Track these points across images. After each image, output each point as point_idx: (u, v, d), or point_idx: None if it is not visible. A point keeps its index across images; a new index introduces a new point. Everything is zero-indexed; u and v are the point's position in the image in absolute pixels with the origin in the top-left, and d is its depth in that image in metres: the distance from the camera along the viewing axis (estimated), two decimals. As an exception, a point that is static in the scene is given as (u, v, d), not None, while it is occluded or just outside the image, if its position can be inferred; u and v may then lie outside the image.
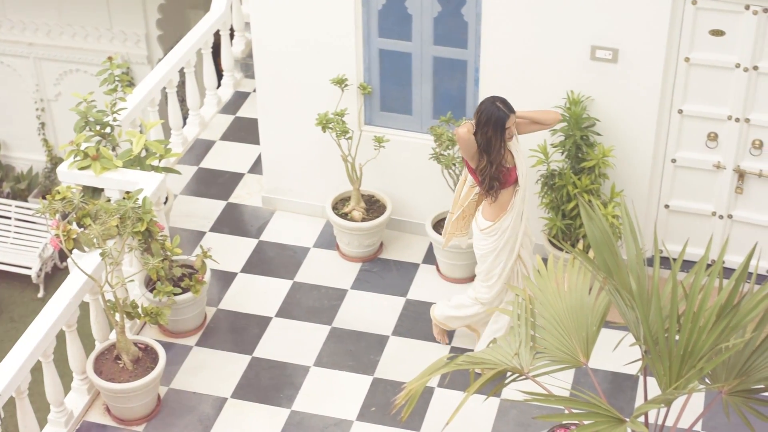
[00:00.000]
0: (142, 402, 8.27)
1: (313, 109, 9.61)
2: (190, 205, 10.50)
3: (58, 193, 8.17)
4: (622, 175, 9.03)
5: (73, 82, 16.18)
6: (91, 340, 8.64)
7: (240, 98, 12.01)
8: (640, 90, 8.74)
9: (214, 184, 10.79)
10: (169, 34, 15.55)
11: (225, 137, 11.45)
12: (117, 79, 9.46)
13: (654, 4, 8.38)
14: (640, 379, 8.45)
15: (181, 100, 11.63)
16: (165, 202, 9.55)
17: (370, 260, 9.81)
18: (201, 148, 11.29)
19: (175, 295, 8.69)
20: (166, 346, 8.80)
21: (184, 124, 11.41)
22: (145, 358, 8.37)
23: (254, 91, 11.39)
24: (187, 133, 11.35)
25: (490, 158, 7.84)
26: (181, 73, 11.07)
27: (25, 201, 16.71)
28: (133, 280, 8.59)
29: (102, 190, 9.14)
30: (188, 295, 8.79)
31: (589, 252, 7.88)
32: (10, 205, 16.29)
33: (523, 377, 5.92)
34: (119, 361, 8.31)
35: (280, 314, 9.29)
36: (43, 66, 16.42)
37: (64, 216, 8.23)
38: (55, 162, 16.80)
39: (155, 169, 9.22)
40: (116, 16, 15.55)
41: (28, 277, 15.63)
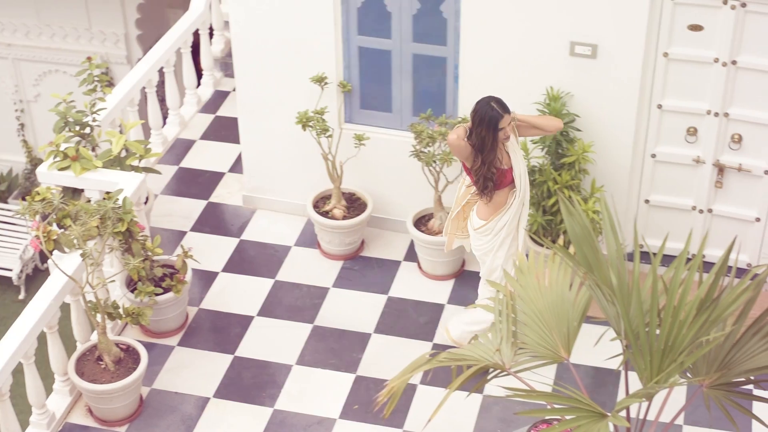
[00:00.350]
0: (124, 403, 8.25)
1: (293, 108, 9.60)
2: (170, 205, 10.48)
3: (38, 194, 8.15)
4: (602, 171, 9.04)
5: (53, 83, 16.11)
6: (72, 342, 8.61)
7: (220, 97, 12.00)
8: (619, 85, 8.76)
9: (195, 183, 10.78)
10: (148, 34, 15.50)
11: (205, 136, 11.43)
12: (96, 79, 9.44)
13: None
14: (622, 374, 8.47)
15: (161, 99, 11.60)
16: (145, 202, 9.54)
17: (351, 258, 9.81)
18: (181, 147, 11.27)
19: (157, 295, 8.68)
20: (148, 347, 8.79)
21: (164, 123, 11.39)
22: (127, 358, 8.36)
23: (234, 90, 11.40)
24: (167, 133, 11.33)
25: (483, 158, 7.84)
26: (161, 72, 11.04)
27: (5, 203, 16.64)
28: (114, 281, 8.57)
29: (82, 190, 9.13)
30: (169, 295, 8.78)
31: (570, 247, 7.90)
32: (-10, 207, 16.24)
33: (505, 373, 5.92)
34: (101, 362, 8.29)
35: (261, 313, 9.28)
36: (22, 67, 16.34)
37: (44, 217, 8.21)
38: (35, 163, 16.73)
39: (135, 169, 9.20)
40: (95, 16, 15.49)
41: (9, 279, 15.57)
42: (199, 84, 12.02)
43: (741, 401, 7.51)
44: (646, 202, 9.31)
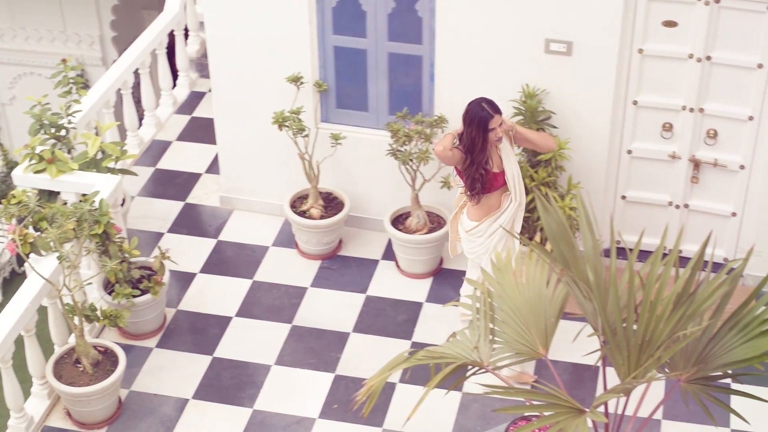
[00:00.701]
0: (102, 405, 8.23)
1: (269, 108, 9.59)
2: (147, 207, 10.46)
3: (14, 197, 8.12)
4: (578, 167, 9.06)
5: (28, 86, 16.03)
6: (50, 345, 8.58)
7: (196, 98, 11.97)
8: (594, 82, 8.78)
9: (172, 184, 10.75)
10: (123, 36, 15.45)
11: (181, 137, 11.40)
12: (71, 81, 9.40)
13: (606, -4, 8.44)
14: (600, 370, 8.49)
15: (137, 101, 11.56)
16: (122, 204, 9.51)
17: (329, 257, 9.81)
18: (157, 149, 11.25)
19: (134, 297, 8.66)
20: (126, 349, 8.77)
21: (140, 125, 11.36)
22: (105, 361, 8.33)
23: (210, 91, 11.36)
24: (143, 134, 11.30)
25: (473, 158, 7.84)
26: (136, 74, 11.01)
27: (-19, 206, 16.56)
28: (91, 283, 8.56)
29: (58, 193, 9.09)
30: (147, 296, 8.76)
31: (546, 244, 7.92)
32: (-34, 211, 16.14)
33: (483, 370, 5.93)
34: (79, 365, 8.26)
35: (240, 314, 9.27)
36: (-3, 70, 16.29)
37: (21, 220, 8.18)
38: (11, 166, 16.64)
39: (111, 171, 9.17)
40: (70, 19, 15.44)
41: (-14, 283, 15.50)
42: (175, 85, 12.00)
43: (719, 395, 7.54)
44: (623, 198, 9.33)
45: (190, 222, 10.28)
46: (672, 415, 8.28)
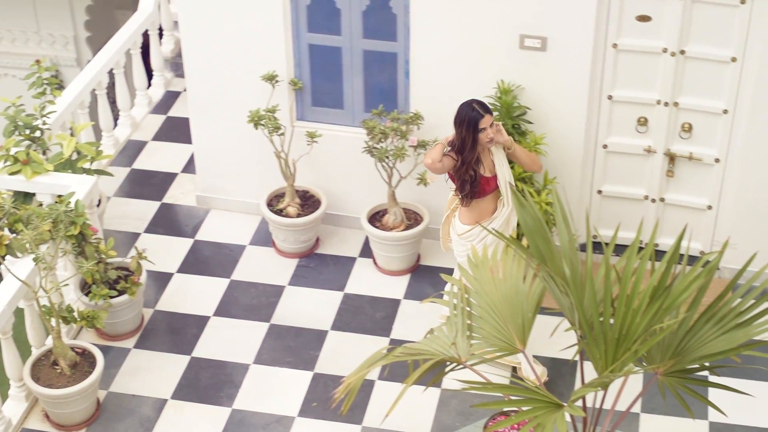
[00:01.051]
0: (81, 407, 8.20)
1: (244, 107, 9.57)
2: (123, 207, 10.43)
3: (-11, 199, 8.09)
4: (554, 163, 9.08)
5: (1, 87, 15.94)
6: (27, 347, 8.55)
7: (171, 98, 11.94)
8: (569, 77, 8.79)
9: (148, 184, 10.73)
10: (97, 36, 15.40)
11: (157, 137, 11.38)
12: (45, 82, 9.36)
13: (580, -9, 8.46)
14: (578, 364, 8.51)
15: (112, 101, 11.53)
16: (98, 205, 9.47)
17: (306, 256, 9.80)
18: (133, 149, 11.21)
19: (111, 297, 8.63)
20: (104, 350, 8.74)
21: (115, 125, 11.33)
22: (83, 362, 8.31)
23: (185, 90, 11.34)
24: (119, 135, 11.27)
25: (463, 158, 7.83)
26: (111, 74, 10.98)
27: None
28: (67, 284, 8.52)
29: (33, 194, 9.05)
30: (124, 297, 8.73)
31: (523, 239, 7.92)
32: (-58, 214, 16.07)
33: (461, 366, 5.94)
34: (57, 367, 8.23)
35: (218, 313, 9.25)
36: (-29, 71, 16.23)
37: (-4, 222, 8.15)
38: (-14, 168, 16.60)
39: (87, 171, 9.14)
40: (43, 19, 15.38)
41: (-37, 286, 15.44)
42: (150, 85, 11.97)
43: (696, 388, 7.57)
44: (599, 192, 9.35)
45: (167, 222, 10.26)
46: (650, 409, 8.31)
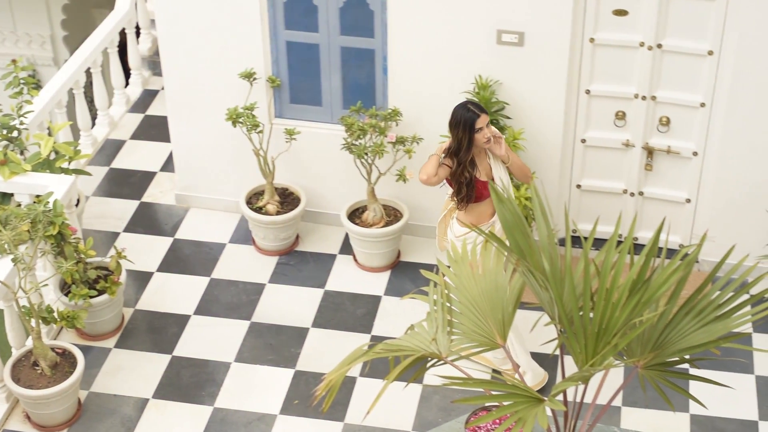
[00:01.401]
0: (62, 407, 8.18)
1: (222, 105, 9.56)
2: (102, 206, 10.40)
3: (-34, 200, 8.06)
4: (533, 158, 9.09)
5: (-22, 87, 15.92)
6: (7, 348, 8.53)
7: (149, 96, 11.92)
8: (547, 72, 8.81)
9: (126, 183, 10.70)
10: (74, 35, 15.34)
11: (135, 136, 11.35)
12: (22, 81, 9.33)
13: (557, -14, 8.47)
14: (559, 358, 8.52)
15: (90, 100, 11.49)
16: (77, 205, 9.45)
17: (286, 253, 9.80)
18: (111, 148, 11.19)
19: (91, 297, 8.61)
20: (85, 350, 8.72)
21: (93, 124, 11.30)
22: (64, 362, 8.29)
23: (163, 89, 11.31)
24: (97, 134, 11.24)
25: (458, 159, 7.83)
26: (88, 73, 10.94)
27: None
28: (47, 285, 8.50)
29: (11, 195, 9.02)
30: (104, 297, 8.72)
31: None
32: None
33: (442, 362, 5.94)
34: (37, 368, 8.21)
35: (198, 312, 9.24)
36: (-54, 72, 16.14)
37: (-26, 223, 8.12)
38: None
39: (65, 171, 9.11)
40: (20, 19, 15.31)
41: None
42: (128, 84, 11.94)
43: (677, 381, 7.59)
44: (578, 187, 9.37)
45: (146, 221, 10.24)
46: (631, 402, 8.34)
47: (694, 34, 8.50)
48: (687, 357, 5.91)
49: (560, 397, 6.08)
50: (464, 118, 7.77)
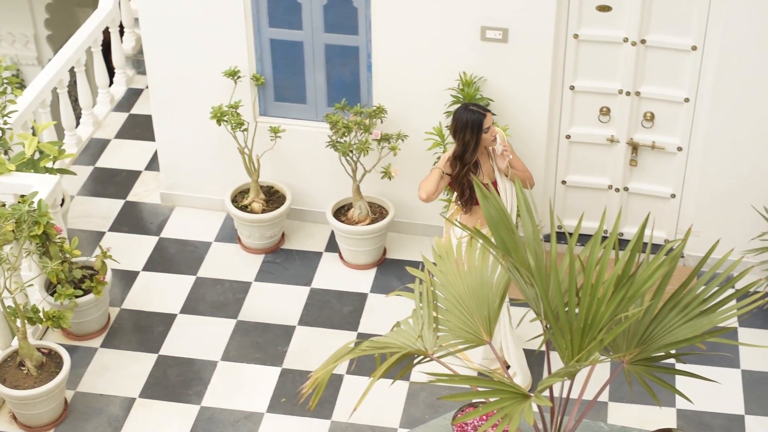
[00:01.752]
0: (48, 407, 8.17)
1: (207, 103, 9.55)
2: (87, 206, 10.38)
3: (-50, 200, 8.04)
4: (518, 154, 9.05)
5: (-38, 87, 15.86)
6: (-8, 348, 8.52)
7: (133, 95, 11.90)
8: (531, 68, 8.81)
9: (111, 183, 10.68)
10: (58, 34, 15.32)
11: (120, 135, 11.33)
12: (6, 81, 9.31)
13: (540, -18, 8.47)
14: (544, 354, 8.53)
15: (74, 99, 11.47)
16: (61, 204, 9.43)
17: (272, 251, 9.79)
18: (96, 147, 11.16)
19: (77, 297, 8.60)
20: (71, 350, 8.70)
21: (78, 124, 11.27)
22: (50, 362, 8.27)
23: (147, 88, 11.29)
24: (81, 133, 11.21)
25: (463, 161, 7.81)
26: (72, 72, 10.92)
27: None
28: (32, 285, 8.48)
29: (-4, 195, 9.00)
30: (90, 296, 8.70)
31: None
32: None
33: (428, 359, 5.94)
34: (23, 368, 8.20)
35: (184, 310, 9.23)
36: (-70, 72, 16.08)
37: (-42, 223, 8.09)
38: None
39: (49, 170, 9.09)
40: (3, 18, 15.27)
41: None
42: (112, 82, 11.91)
43: (663, 376, 7.61)
44: (563, 183, 9.38)
45: (131, 220, 10.22)
46: (618, 397, 8.35)
47: (678, 30, 8.51)
48: (673, 352, 5.94)
49: (546, 393, 6.09)
50: (471, 120, 7.74)
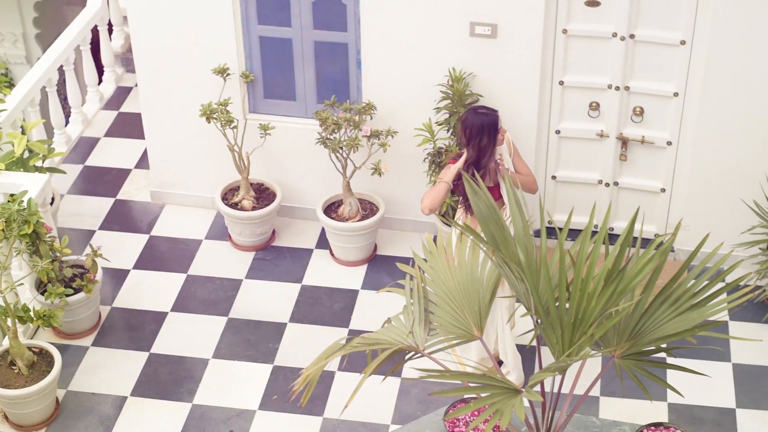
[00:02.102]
0: (40, 406, 8.15)
1: (196, 100, 9.54)
2: (77, 205, 10.37)
3: (-60, 200, 8.02)
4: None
5: (-49, 87, 15.83)
6: (-17, 348, 8.50)
7: (122, 93, 11.88)
8: (520, 64, 8.82)
9: (101, 181, 10.67)
10: (47, 33, 15.28)
11: (109, 134, 11.31)
12: (-6, 80, 9.31)
13: (529, -23, 8.47)
14: (535, 349, 8.54)
15: (63, 98, 11.45)
16: (51, 203, 9.42)
17: (263, 248, 9.79)
18: (85, 145, 11.15)
19: (67, 296, 8.59)
20: (62, 348, 8.69)
21: (67, 122, 11.25)
22: (41, 361, 8.26)
23: (136, 86, 11.28)
24: (71, 132, 11.20)
25: (481, 165, 7.79)
26: (61, 71, 10.90)
27: None
28: (23, 284, 8.47)
29: (-15, 194, 8.98)
30: (81, 295, 8.69)
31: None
32: None
33: (420, 355, 5.95)
34: (14, 367, 8.18)
35: (175, 308, 9.23)
36: None
37: (-52, 223, 8.08)
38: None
39: (39, 169, 9.08)
40: (-9, 17, 15.26)
41: None
42: (101, 81, 11.90)
43: (653, 370, 7.62)
44: (553, 178, 9.39)
45: (122, 218, 10.21)
46: (609, 392, 8.36)
47: (667, 24, 8.52)
48: (663, 346, 5.94)
49: (537, 388, 6.10)
50: (486, 123, 7.71)
